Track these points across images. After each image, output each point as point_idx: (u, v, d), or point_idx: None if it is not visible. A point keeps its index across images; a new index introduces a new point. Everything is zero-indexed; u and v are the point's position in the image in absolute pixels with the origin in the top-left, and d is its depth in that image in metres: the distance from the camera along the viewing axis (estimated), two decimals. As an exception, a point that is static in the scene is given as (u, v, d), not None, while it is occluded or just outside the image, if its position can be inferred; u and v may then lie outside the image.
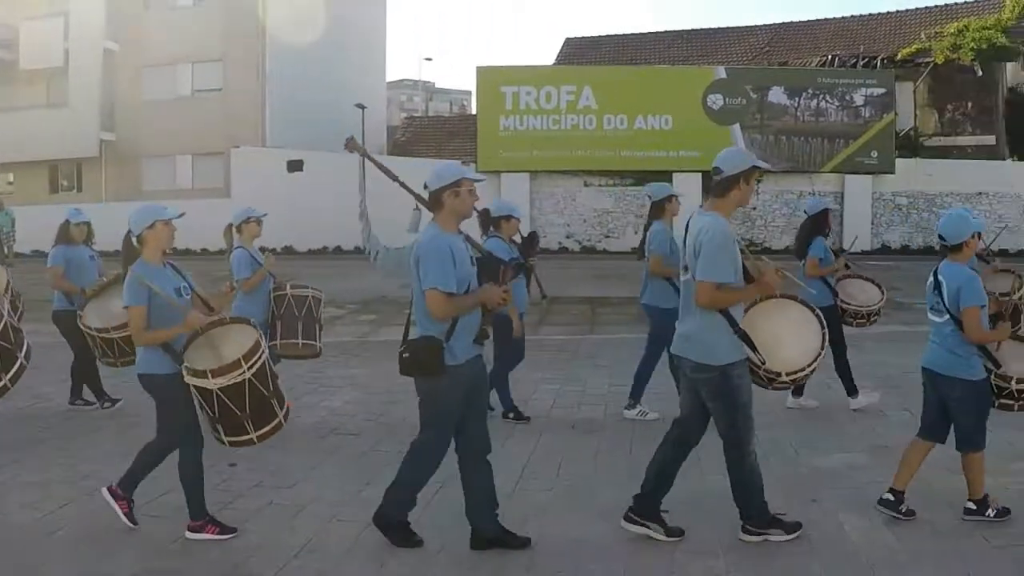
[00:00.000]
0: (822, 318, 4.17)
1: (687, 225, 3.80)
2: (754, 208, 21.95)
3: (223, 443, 3.97)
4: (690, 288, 3.70)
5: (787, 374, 3.90)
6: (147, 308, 3.78)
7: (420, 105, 57.54)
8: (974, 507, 4.08)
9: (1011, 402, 4.20)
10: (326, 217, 20.05)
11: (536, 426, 5.89)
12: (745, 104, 22.58)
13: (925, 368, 4.17)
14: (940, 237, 4.08)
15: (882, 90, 23.07)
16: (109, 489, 4.07)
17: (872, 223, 22.06)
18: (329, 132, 22.02)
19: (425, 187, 3.71)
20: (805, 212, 6.60)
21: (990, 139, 25.64)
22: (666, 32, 34.07)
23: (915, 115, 26.30)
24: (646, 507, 3.79)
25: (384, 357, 7.63)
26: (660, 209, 6.03)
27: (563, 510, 4.26)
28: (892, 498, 4.09)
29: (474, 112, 28.36)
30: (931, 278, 4.12)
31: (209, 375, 3.71)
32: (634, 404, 6.05)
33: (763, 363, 3.78)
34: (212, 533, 3.92)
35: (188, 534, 3.92)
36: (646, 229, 6.09)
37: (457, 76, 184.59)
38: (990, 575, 3.59)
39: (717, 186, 3.70)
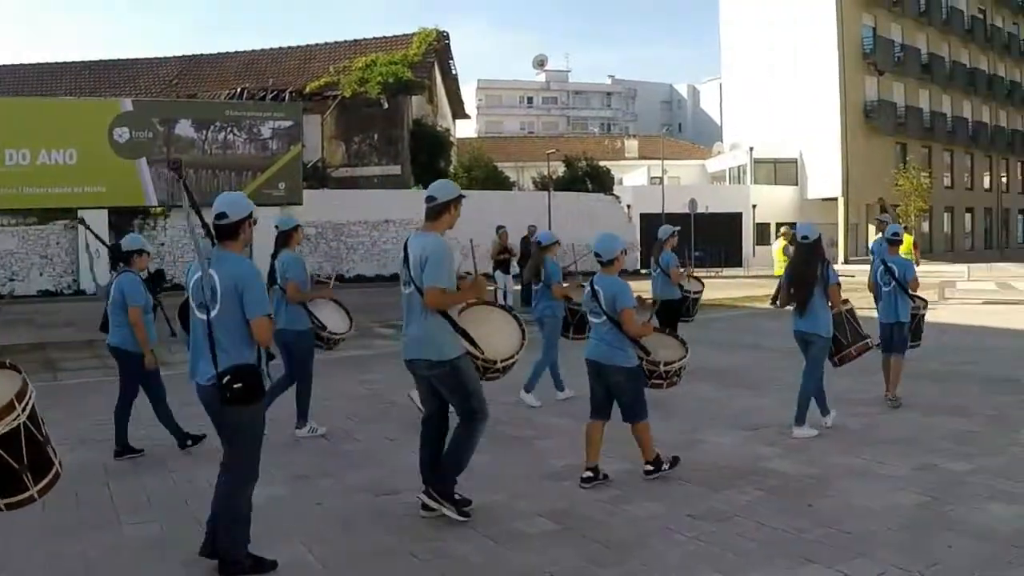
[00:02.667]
0: (520, 318, 6.86)
1: (405, 246, 5.96)
2: (163, 244, 30.29)
3: None
4: (413, 299, 5.84)
5: (501, 362, 6.34)
6: None
7: None
8: (652, 467, 6.83)
9: (660, 382, 7.23)
10: None
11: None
12: (152, 137, 30.74)
13: (590, 360, 6.83)
14: (596, 254, 6.87)
15: (289, 123, 33.22)
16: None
17: None
18: None
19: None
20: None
21: (396, 169, 37.97)
22: (73, 63, 41.68)
23: (323, 147, 37.59)
24: (443, 491, 5.97)
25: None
26: (288, 238, 8.50)
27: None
28: (592, 475, 6.69)
29: None
30: (588, 288, 6.86)
31: None
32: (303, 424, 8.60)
33: (482, 353, 6.14)
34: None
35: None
36: (274, 258, 8.46)
37: None
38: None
39: (432, 212, 5.91)
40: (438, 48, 42.38)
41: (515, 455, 7.90)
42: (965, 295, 24.71)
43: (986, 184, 60.42)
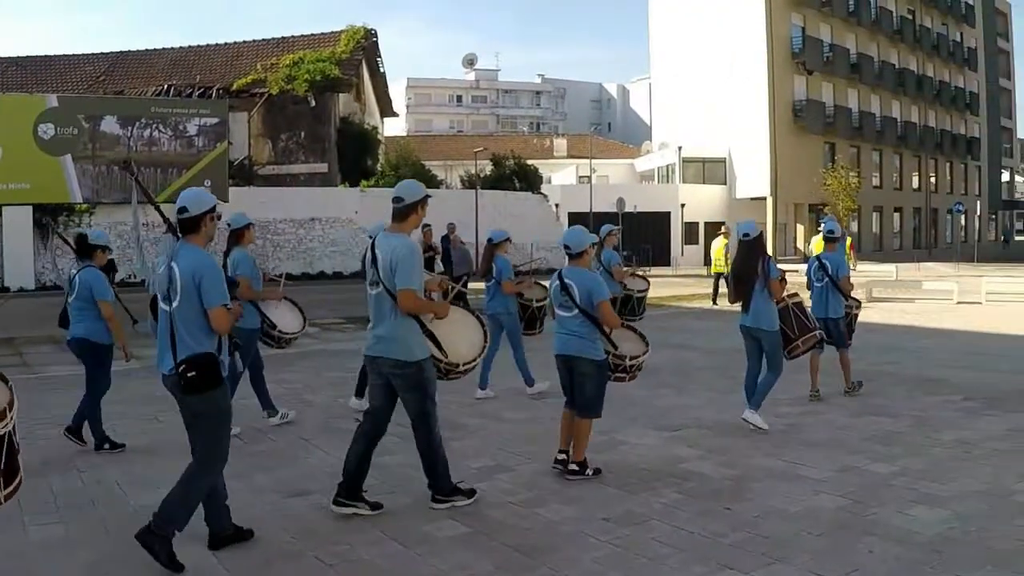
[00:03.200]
0: (483, 319, 7.26)
1: (373, 247, 6.35)
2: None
3: None
4: (382, 300, 6.25)
5: (463, 364, 6.70)
6: None
7: None
8: (577, 469, 7.30)
9: (624, 375, 7.82)
10: None
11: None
12: (77, 134, 32.77)
13: (561, 355, 7.38)
14: (566, 247, 7.37)
15: (215, 120, 35.36)
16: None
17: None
18: None
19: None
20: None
21: (323, 167, 40.20)
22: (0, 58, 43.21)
23: (250, 144, 39.71)
24: (352, 492, 6.42)
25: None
26: (240, 236, 8.95)
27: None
28: (565, 458, 7.38)
29: None
30: (556, 282, 7.36)
31: None
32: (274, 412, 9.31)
33: (446, 357, 6.52)
34: None
35: None
36: (226, 255, 8.88)
37: None
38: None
39: (399, 212, 6.31)
40: (366, 46, 44.73)
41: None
42: (893, 293, 26.41)
43: (915, 184, 64.44)
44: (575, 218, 46.89)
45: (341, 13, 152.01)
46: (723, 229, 27.25)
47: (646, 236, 47.53)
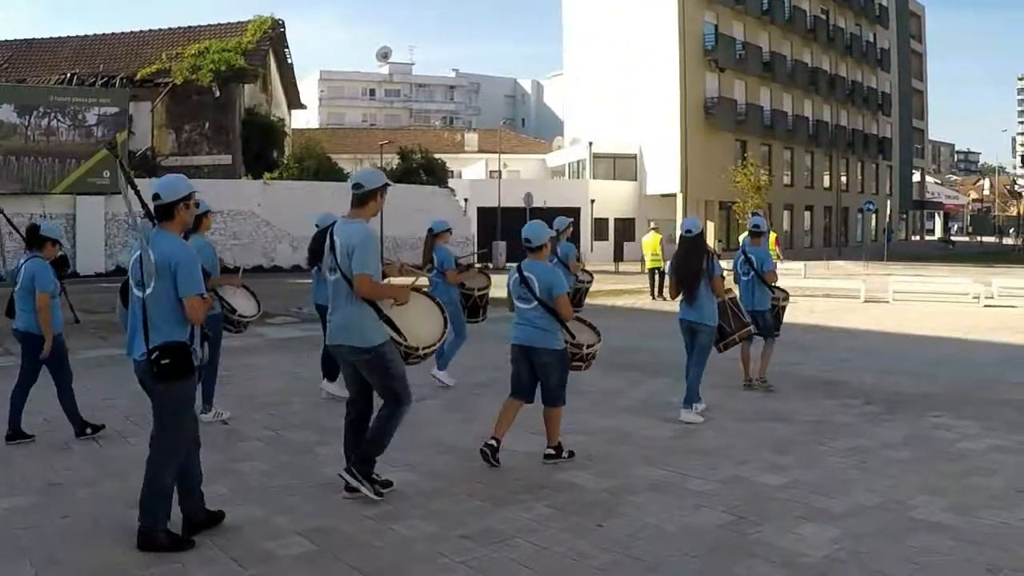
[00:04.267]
0: (442, 305, 7.35)
1: (331, 234, 6.51)
2: (-13, 234, 32.21)
3: None
4: (340, 286, 6.42)
5: (423, 348, 6.83)
6: None
7: None
8: (553, 452, 7.80)
9: (580, 363, 8.13)
10: None
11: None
12: None
13: (518, 344, 7.73)
14: (526, 240, 7.73)
15: (116, 109, 35.27)
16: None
17: (106, 244, 33.86)
18: None
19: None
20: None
21: (227, 158, 40.08)
22: None
23: (153, 135, 39.54)
24: (364, 472, 6.66)
25: None
26: (199, 223, 8.93)
27: None
28: (496, 445, 7.65)
29: None
30: (515, 274, 7.71)
31: None
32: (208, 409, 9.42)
33: (405, 341, 6.64)
34: None
35: None
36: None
37: None
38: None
39: (357, 199, 6.49)
40: (273, 36, 44.73)
41: (291, 463, 7.97)
42: (802, 291, 26.44)
43: (826, 183, 66.17)
44: (484, 213, 47.44)
45: (257, 4, 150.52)
46: (653, 224, 28.19)
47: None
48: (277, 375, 12.93)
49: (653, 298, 25.58)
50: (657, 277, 26.09)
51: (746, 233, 12.17)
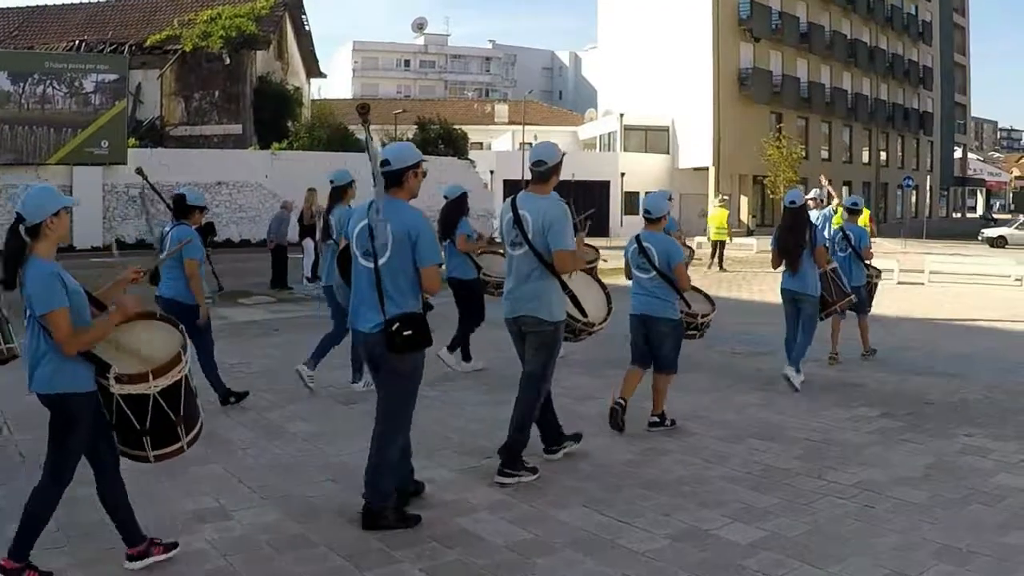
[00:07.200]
0: (605, 285, 7.96)
1: (514, 206, 6.50)
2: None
3: (147, 460, 4.91)
4: (526, 259, 6.43)
5: (598, 324, 7.32)
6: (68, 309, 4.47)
7: None
8: (657, 420, 7.95)
9: (695, 332, 8.73)
10: None
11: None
12: None
13: (638, 314, 7.93)
14: (646, 211, 7.95)
15: (114, 76, 33.40)
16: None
17: (104, 216, 32.27)
18: None
19: (386, 164, 5.55)
20: (445, 197, 10.58)
21: (237, 128, 38.51)
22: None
23: (162, 104, 37.99)
24: (554, 437, 6.98)
25: None
26: (343, 193, 9.28)
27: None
28: (623, 405, 7.82)
29: None
30: (634, 244, 7.90)
31: (151, 376, 4.66)
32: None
33: (585, 317, 7.03)
34: (159, 554, 4.95)
35: (130, 564, 4.85)
36: (328, 213, 9.51)
37: None
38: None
39: (540, 175, 6.50)
40: (289, 2, 43.01)
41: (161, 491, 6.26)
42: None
43: (864, 158, 63.47)
44: (510, 185, 45.52)
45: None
46: (721, 198, 29.45)
47: (585, 206, 45.80)
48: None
49: (710, 268, 25.89)
50: (719, 248, 26.71)
51: (826, 208, 13.41)
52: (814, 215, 13.60)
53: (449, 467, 6.69)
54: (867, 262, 11.82)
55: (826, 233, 12.91)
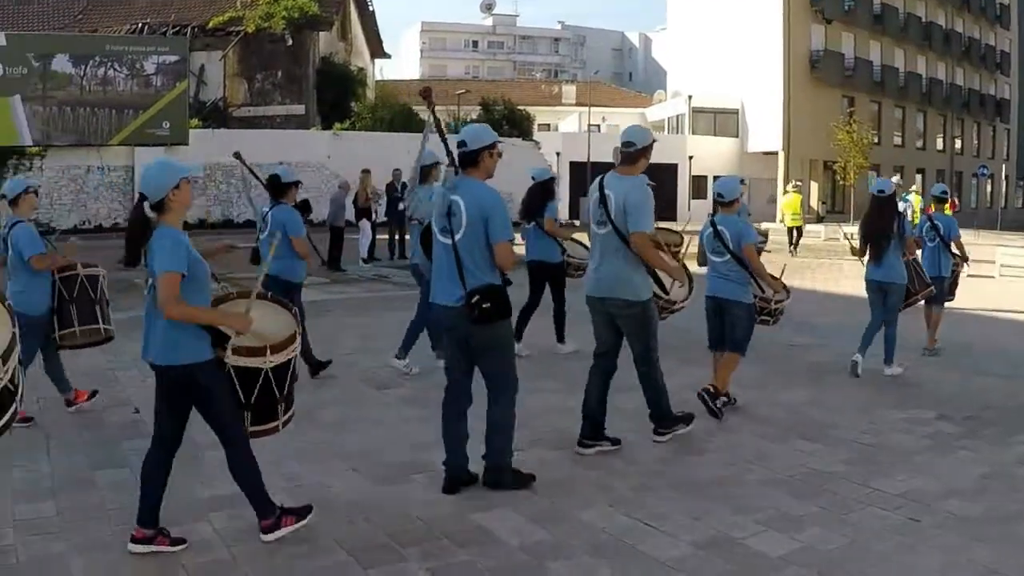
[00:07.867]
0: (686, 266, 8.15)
1: (601, 186, 6.68)
2: (39, 186, 30.94)
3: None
4: (610, 239, 6.57)
5: (680, 302, 7.85)
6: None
7: None
8: (712, 390, 7.86)
9: (768, 318, 8.90)
10: None
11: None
12: (27, 73, 31.06)
13: (712, 296, 8.11)
14: (719, 194, 8.10)
15: (175, 58, 33.57)
16: (135, 538, 4.88)
17: None
18: None
19: (462, 144, 5.76)
20: (533, 178, 10.67)
21: (300, 109, 38.50)
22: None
23: (225, 85, 38.10)
24: (595, 430, 6.85)
25: None
26: (427, 174, 9.58)
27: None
28: (714, 391, 7.88)
29: None
30: (709, 228, 8.05)
31: (269, 352, 4.94)
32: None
33: (666, 295, 7.38)
34: (290, 524, 5.10)
35: (266, 536, 5.03)
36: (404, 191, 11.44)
37: None
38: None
39: (629, 156, 6.69)
40: (353, -18, 42.77)
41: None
42: None
43: (939, 145, 61.90)
44: (575, 167, 45.09)
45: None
46: (794, 183, 29.81)
47: (652, 189, 45.30)
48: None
49: (794, 254, 26.14)
50: (795, 234, 27.33)
51: (907, 195, 13.21)
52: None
53: (475, 458, 6.30)
54: (956, 253, 11.52)
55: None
